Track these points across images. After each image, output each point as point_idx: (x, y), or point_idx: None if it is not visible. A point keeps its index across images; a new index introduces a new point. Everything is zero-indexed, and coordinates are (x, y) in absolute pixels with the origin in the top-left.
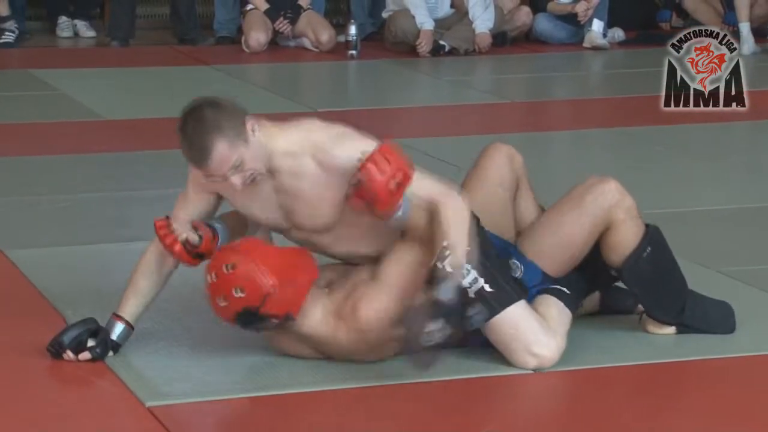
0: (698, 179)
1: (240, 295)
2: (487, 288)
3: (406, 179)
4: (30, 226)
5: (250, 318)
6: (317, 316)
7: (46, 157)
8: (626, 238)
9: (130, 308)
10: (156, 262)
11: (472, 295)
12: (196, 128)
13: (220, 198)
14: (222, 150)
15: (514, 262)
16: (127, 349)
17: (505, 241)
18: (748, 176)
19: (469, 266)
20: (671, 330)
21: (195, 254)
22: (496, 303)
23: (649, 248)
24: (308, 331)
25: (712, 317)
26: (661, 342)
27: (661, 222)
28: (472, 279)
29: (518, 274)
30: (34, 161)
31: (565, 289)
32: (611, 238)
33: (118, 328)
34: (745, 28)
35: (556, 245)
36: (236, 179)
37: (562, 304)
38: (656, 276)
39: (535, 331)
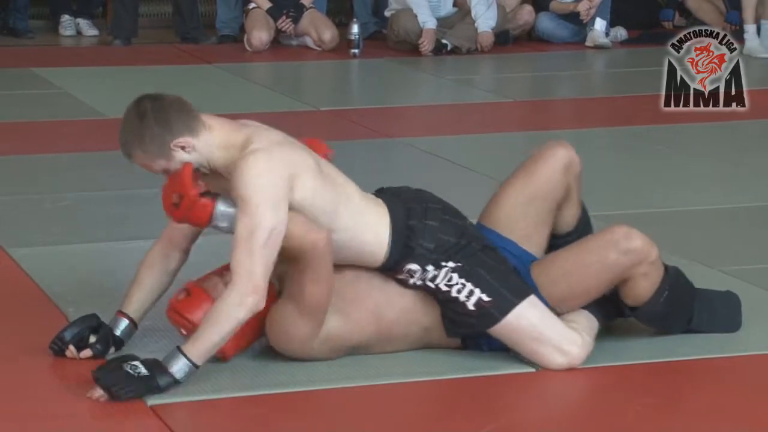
0: (700, 178)
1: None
2: (485, 298)
3: (185, 197)
4: (32, 224)
5: None
6: None
7: (49, 156)
8: (645, 290)
9: (133, 304)
10: (161, 259)
11: (471, 307)
12: (125, 128)
13: None
14: (141, 160)
15: None
16: (129, 347)
17: (523, 256)
18: (751, 175)
19: (462, 280)
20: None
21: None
22: (496, 311)
23: (666, 292)
24: None
25: (718, 317)
26: (665, 341)
27: (663, 220)
28: (468, 291)
29: None
30: (36, 160)
31: None
32: (630, 290)
33: (122, 324)
34: (751, 29)
35: (572, 295)
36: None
37: (587, 312)
38: (670, 313)
39: (559, 330)
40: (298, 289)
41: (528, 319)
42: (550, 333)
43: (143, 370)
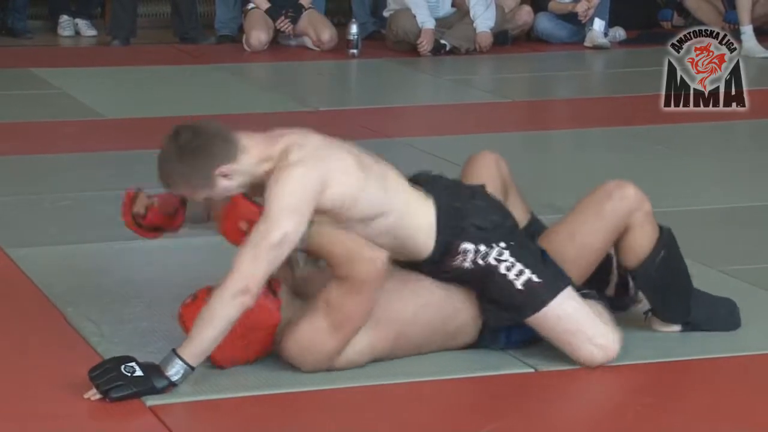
0: (699, 178)
1: None
2: (535, 279)
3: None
4: (31, 224)
5: None
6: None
7: (48, 156)
8: (643, 243)
9: None
10: None
11: (520, 286)
12: (165, 162)
13: None
14: (183, 191)
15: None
16: (128, 348)
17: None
18: (751, 175)
19: (513, 259)
20: (676, 328)
21: (146, 227)
22: (545, 292)
23: (663, 252)
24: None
25: (716, 315)
26: (665, 340)
27: (662, 220)
28: (518, 271)
29: None
30: (35, 160)
31: (594, 291)
32: (628, 242)
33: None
34: (748, 30)
35: (578, 254)
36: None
37: (602, 304)
38: (668, 278)
39: (595, 323)
40: (339, 302)
41: (565, 310)
42: (587, 325)
43: (139, 372)
